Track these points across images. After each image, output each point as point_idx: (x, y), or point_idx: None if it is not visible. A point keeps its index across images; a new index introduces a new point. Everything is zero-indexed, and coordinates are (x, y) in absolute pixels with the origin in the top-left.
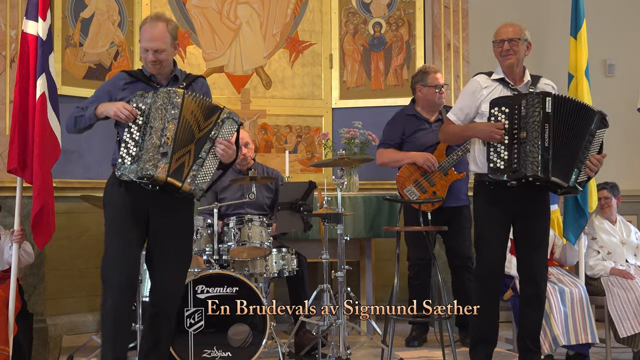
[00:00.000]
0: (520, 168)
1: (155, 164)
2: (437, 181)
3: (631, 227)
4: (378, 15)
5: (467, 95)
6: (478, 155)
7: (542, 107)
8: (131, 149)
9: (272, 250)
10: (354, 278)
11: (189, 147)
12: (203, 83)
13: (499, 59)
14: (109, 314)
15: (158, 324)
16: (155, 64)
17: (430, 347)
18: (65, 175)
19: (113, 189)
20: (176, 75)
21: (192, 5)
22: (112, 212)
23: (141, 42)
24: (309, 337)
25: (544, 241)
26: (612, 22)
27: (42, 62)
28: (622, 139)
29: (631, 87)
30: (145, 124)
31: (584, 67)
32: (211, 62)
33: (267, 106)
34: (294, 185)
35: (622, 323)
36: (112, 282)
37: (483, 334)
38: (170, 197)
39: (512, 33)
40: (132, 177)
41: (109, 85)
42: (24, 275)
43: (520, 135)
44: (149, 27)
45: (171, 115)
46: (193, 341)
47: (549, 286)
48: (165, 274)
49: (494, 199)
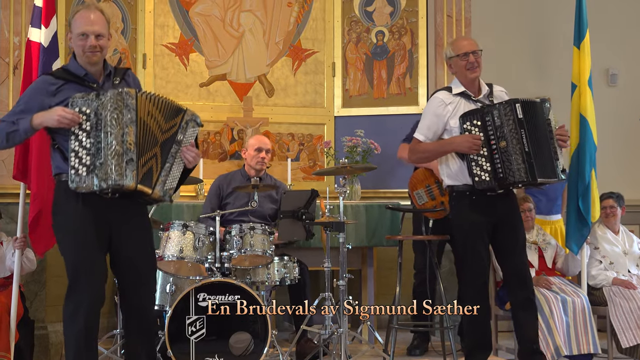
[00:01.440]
0: (507, 176)
1: (122, 173)
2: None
3: (634, 237)
4: (381, 24)
5: (432, 113)
6: (456, 171)
7: (515, 114)
8: (84, 158)
9: (274, 259)
10: (356, 286)
11: (154, 151)
12: (134, 76)
13: (463, 72)
14: (82, 334)
15: (135, 343)
16: (95, 50)
17: (432, 356)
18: None
19: (67, 201)
20: (110, 70)
21: (195, 13)
22: (69, 226)
23: (77, 29)
24: (310, 346)
25: (524, 243)
26: (614, 32)
27: (45, 69)
28: (624, 148)
29: (633, 96)
30: (95, 129)
31: (587, 76)
32: (214, 69)
33: (270, 114)
34: (296, 194)
35: (625, 333)
36: (82, 300)
37: (479, 340)
38: (130, 204)
39: (475, 45)
40: (94, 189)
41: (36, 92)
42: (26, 282)
43: (500, 145)
44: (86, 12)
45: (128, 119)
46: (194, 349)
47: (551, 295)
48: (139, 283)
49: (476, 207)
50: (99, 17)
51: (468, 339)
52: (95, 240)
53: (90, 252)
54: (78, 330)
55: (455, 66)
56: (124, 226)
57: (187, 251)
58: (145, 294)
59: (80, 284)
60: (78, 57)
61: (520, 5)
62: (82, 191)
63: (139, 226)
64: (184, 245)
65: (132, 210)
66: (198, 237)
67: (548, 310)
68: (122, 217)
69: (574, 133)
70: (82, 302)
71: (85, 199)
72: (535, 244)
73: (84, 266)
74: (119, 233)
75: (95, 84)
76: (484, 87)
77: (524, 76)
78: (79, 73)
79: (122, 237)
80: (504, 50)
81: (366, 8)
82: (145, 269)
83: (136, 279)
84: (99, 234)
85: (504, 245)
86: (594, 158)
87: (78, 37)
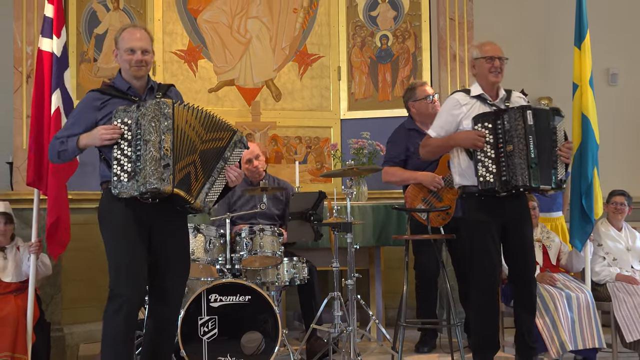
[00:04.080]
0: (510, 180)
1: (159, 177)
2: (444, 195)
3: (636, 233)
4: (385, 28)
5: (447, 113)
6: (465, 168)
7: (524, 121)
8: (125, 166)
9: (283, 259)
10: (364, 285)
11: (192, 158)
12: (176, 92)
13: (485, 75)
14: (120, 330)
15: (160, 336)
16: (141, 65)
17: (439, 353)
18: (81, 187)
19: (109, 206)
20: (152, 86)
21: (203, 20)
22: (114, 229)
23: (124, 44)
24: (320, 344)
25: (532, 244)
26: (614, 32)
27: (57, 78)
28: (625, 147)
29: (634, 95)
30: (135, 138)
31: (588, 76)
32: (222, 75)
33: (277, 118)
34: (304, 196)
35: (629, 328)
36: (126, 296)
37: (485, 339)
38: (170, 210)
39: (502, 52)
40: (134, 194)
41: (84, 107)
42: (41, 286)
43: (507, 149)
44: (132, 30)
45: (165, 127)
46: (207, 349)
47: (556, 292)
48: (170, 286)
49: (484, 208)
50: (144, 34)
51: (475, 337)
52: (137, 243)
53: (132, 255)
54: (117, 326)
55: (479, 68)
56: (163, 231)
57: (199, 253)
58: (174, 297)
59: (123, 283)
60: (124, 72)
61: (521, 8)
62: (124, 196)
63: (177, 232)
64: (196, 247)
65: (171, 216)
66: (209, 239)
67: (553, 306)
68: (162, 222)
69: (576, 132)
70: (124, 301)
71: (128, 204)
72: (540, 242)
73: (126, 267)
74: (157, 237)
75: (137, 97)
76: (501, 92)
77: (526, 77)
78: (123, 87)
79: (160, 242)
80: (505, 52)
81: (370, 13)
82: (178, 273)
83: (169, 283)
84: (141, 237)
85: (512, 246)
86: (596, 156)
87: (125, 52)
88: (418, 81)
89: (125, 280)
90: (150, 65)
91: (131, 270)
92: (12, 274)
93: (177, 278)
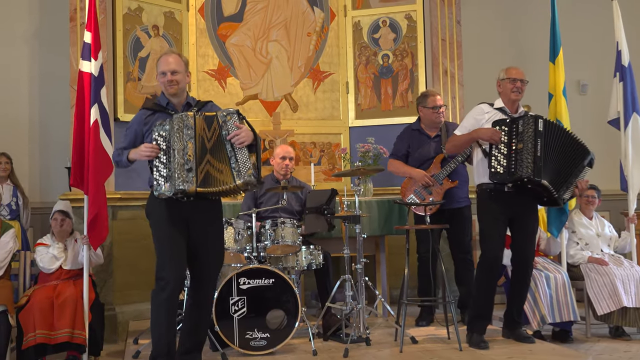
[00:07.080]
0: (517, 171)
1: (184, 180)
2: (433, 190)
3: (605, 221)
4: (386, 48)
5: (472, 117)
6: (481, 165)
7: (535, 126)
8: (162, 171)
9: (302, 247)
10: (371, 269)
11: (206, 158)
12: (212, 105)
13: (508, 93)
14: (163, 304)
15: (198, 312)
16: (172, 83)
17: (436, 326)
18: (129, 188)
19: (154, 205)
20: (189, 102)
21: (230, 44)
22: (158, 224)
23: (159, 69)
24: (334, 320)
25: (534, 235)
26: (584, 49)
27: (95, 94)
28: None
29: (601, 103)
30: (168, 147)
31: (561, 87)
32: (247, 90)
33: (295, 126)
34: (319, 193)
35: (600, 303)
36: (169, 278)
37: (480, 310)
38: (205, 204)
39: (524, 75)
40: (169, 194)
41: (135, 124)
42: (96, 272)
43: (517, 147)
44: (166, 56)
45: (187, 136)
46: (237, 325)
47: (536, 273)
48: (206, 270)
49: (495, 201)
50: (176, 58)
51: (471, 309)
52: (178, 234)
53: (174, 243)
54: (163, 301)
55: (503, 87)
56: (198, 223)
57: (229, 243)
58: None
59: (166, 267)
60: (164, 91)
61: (503, 30)
62: (163, 197)
63: (211, 223)
64: (227, 238)
65: (206, 210)
66: (238, 231)
67: (534, 285)
68: (197, 216)
69: None
70: (168, 281)
71: (168, 203)
72: None
73: (170, 253)
74: (194, 229)
75: (174, 112)
76: (520, 109)
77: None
78: (163, 103)
79: (197, 232)
80: (489, 67)
81: (373, 35)
82: (213, 260)
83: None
84: (180, 229)
85: (515, 234)
86: None
87: (160, 75)
88: (432, 90)
89: (168, 265)
90: (183, 83)
91: (173, 257)
92: (71, 263)
93: (213, 264)
